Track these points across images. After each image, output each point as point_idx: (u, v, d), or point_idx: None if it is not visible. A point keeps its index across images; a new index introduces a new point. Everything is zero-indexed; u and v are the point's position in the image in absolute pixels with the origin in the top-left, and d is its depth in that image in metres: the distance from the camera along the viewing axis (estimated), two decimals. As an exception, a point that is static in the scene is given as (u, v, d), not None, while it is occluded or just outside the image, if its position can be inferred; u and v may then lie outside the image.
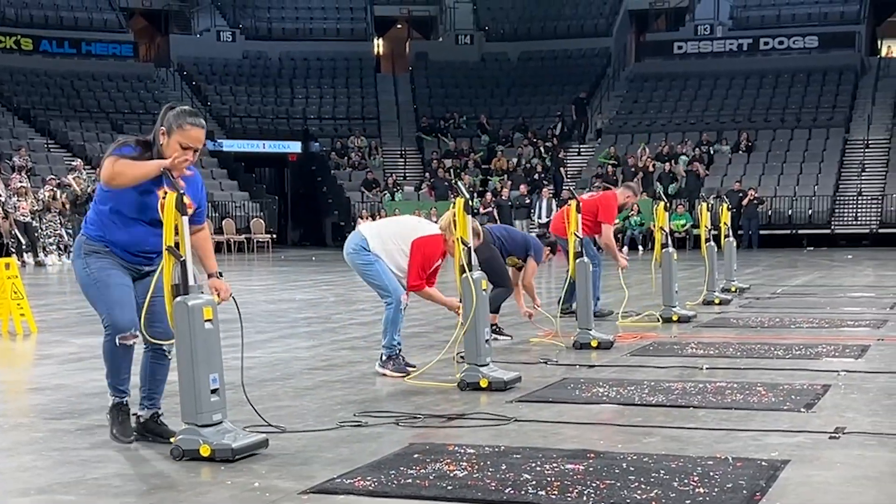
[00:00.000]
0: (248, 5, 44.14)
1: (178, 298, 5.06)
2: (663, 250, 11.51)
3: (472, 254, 7.12)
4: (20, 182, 26.32)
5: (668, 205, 12.44)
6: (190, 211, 5.16)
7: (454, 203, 7.20)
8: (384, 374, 7.68)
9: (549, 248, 10.23)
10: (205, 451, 5.01)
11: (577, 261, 9.33)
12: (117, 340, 5.34)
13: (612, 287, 13.50)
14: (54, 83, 38.44)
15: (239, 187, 35.52)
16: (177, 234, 5.06)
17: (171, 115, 5.31)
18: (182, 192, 5.09)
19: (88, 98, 38.72)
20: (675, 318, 11.15)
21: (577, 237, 9.36)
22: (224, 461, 4.98)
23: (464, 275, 7.04)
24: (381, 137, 40.07)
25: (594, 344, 9.07)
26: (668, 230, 11.72)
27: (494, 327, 9.38)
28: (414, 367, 7.73)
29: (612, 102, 40.37)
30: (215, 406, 5.11)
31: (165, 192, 5.09)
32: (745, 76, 39.41)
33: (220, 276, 5.49)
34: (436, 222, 7.89)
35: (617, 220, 9.83)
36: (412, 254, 7.67)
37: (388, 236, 7.81)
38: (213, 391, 5.09)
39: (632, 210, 14.94)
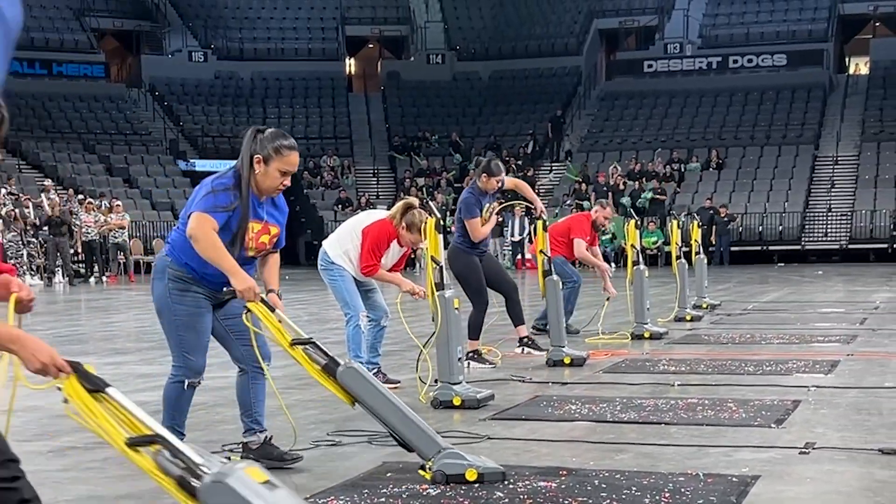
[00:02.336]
0: (219, 26, 44.13)
1: (343, 368, 4.98)
2: (634, 268, 11.58)
3: (444, 272, 7.14)
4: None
5: (639, 222, 12.52)
6: (274, 238, 5.31)
7: (403, 197, 7.43)
8: None
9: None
10: (471, 476, 4.94)
11: (547, 279, 9.38)
12: (186, 384, 5.29)
13: (592, 304, 13.54)
14: (25, 104, 38.25)
15: (212, 207, 35.44)
16: None
17: (265, 142, 5.14)
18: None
19: (60, 119, 38.60)
20: (646, 335, 11.21)
21: (545, 255, 9.42)
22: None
23: (437, 293, 7.06)
24: (353, 156, 40.12)
25: (567, 361, 9.11)
26: (639, 248, 11.81)
27: (472, 354, 9.21)
28: (398, 382, 7.78)
29: (583, 121, 40.59)
30: (434, 432, 5.15)
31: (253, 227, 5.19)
32: (715, 94, 39.73)
33: (279, 296, 5.38)
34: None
35: (601, 245, 9.93)
36: (363, 240, 7.93)
37: (342, 237, 8.08)
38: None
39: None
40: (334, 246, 8.06)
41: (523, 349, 9.78)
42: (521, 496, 4.71)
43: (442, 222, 7.15)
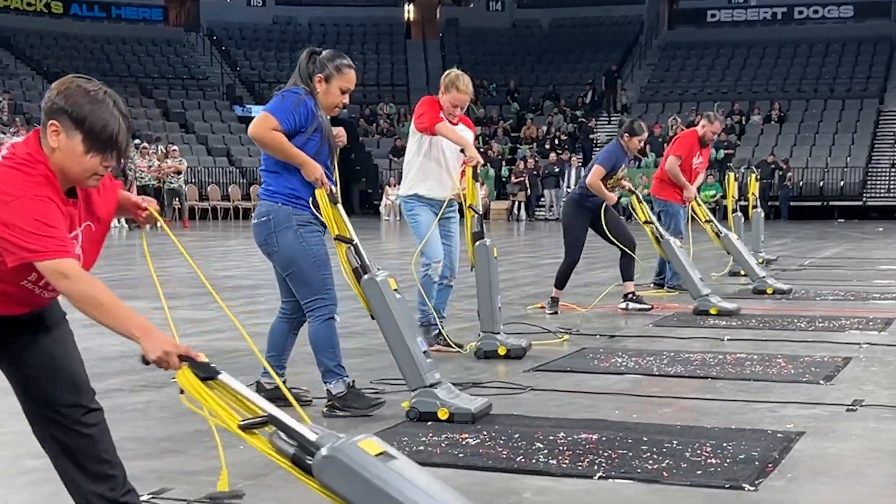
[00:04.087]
0: (279, -30, 44.11)
1: (366, 277, 5.19)
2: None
3: (483, 221, 7.07)
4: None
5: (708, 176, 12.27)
6: (341, 143, 5.50)
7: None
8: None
9: None
10: (443, 415, 5.09)
11: (662, 242, 9.61)
12: (336, 318, 5.37)
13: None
14: (84, 47, 38.56)
15: (267, 153, 35.58)
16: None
17: (325, 61, 5.33)
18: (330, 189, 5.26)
19: (118, 62, 38.84)
20: (769, 290, 10.85)
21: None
22: (462, 423, 5.04)
23: (477, 242, 7.00)
24: (410, 104, 39.95)
25: (714, 311, 9.11)
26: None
27: (631, 295, 9.57)
28: (460, 348, 7.33)
29: (643, 71, 40.10)
30: (432, 367, 5.27)
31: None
32: (779, 45, 39.03)
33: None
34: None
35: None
36: (416, 110, 7.41)
37: (409, 167, 7.54)
38: (424, 352, 5.28)
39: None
40: (404, 183, 7.55)
41: (627, 305, 9.66)
42: (561, 447, 4.67)
43: (488, 168, 7.03)
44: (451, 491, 2.98)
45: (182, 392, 3.06)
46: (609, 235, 9.51)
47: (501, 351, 7.00)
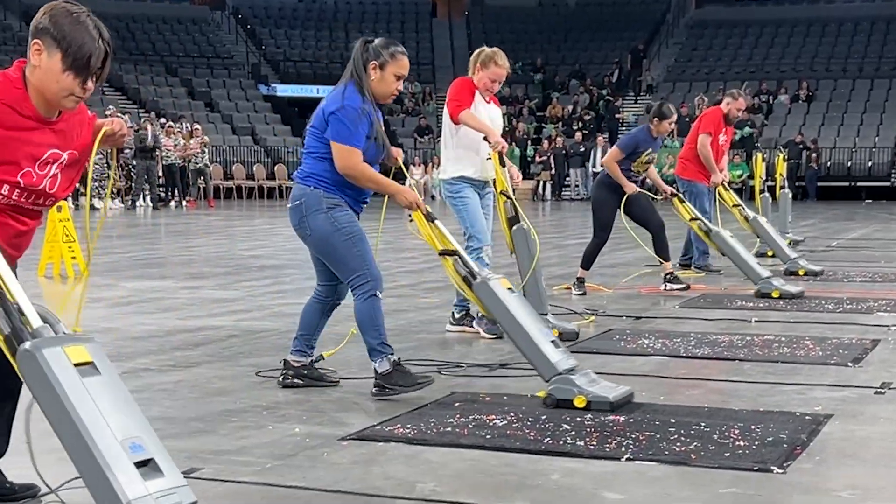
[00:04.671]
0: (304, -51, 44.04)
1: (477, 281, 5.30)
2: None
3: (516, 205, 7.05)
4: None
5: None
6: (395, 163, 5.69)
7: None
8: (469, 333, 7.33)
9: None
10: (580, 402, 5.02)
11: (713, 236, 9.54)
12: (379, 294, 5.34)
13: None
14: (109, 25, 37.79)
15: (292, 132, 35.62)
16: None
17: (380, 48, 5.35)
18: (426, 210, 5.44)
19: (143, 41, 38.92)
20: (801, 272, 10.81)
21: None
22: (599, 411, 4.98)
23: (514, 226, 6.99)
24: (435, 83, 39.93)
25: (776, 294, 9.02)
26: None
27: (669, 275, 9.59)
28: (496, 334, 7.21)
29: (670, 50, 39.87)
30: (563, 353, 5.24)
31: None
32: (807, 24, 38.72)
33: None
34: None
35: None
36: (448, 94, 7.37)
37: (445, 148, 7.50)
38: (552, 342, 5.27)
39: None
40: (444, 165, 7.52)
41: (666, 285, 9.65)
42: (588, 429, 4.67)
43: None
44: (139, 422, 2.91)
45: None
46: (634, 218, 9.47)
47: (554, 333, 6.92)
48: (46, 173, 3.37)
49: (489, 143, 7.10)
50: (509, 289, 5.34)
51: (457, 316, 7.47)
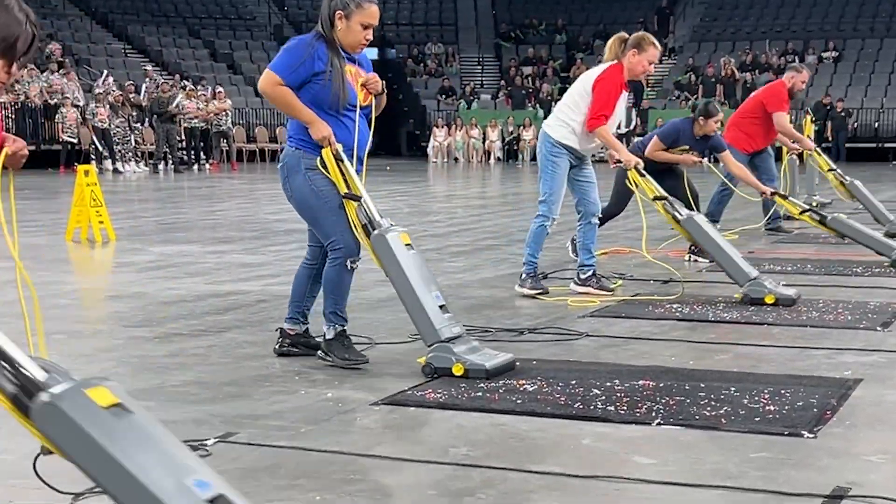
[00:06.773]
0: None
1: (375, 233, 5.15)
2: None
3: (676, 206, 7.57)
4: (99, 89, 26.57)
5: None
6: (374, 90, 5.36)
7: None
8: (523, 294, 7.41)
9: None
10: (458, 370, 4.99)
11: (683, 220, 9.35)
12: (349, 264, 5.29)
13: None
14: (132, -14, 38.53)
15: (315, 94, 35.53)
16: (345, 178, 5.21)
17: None
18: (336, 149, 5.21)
19: (165, 2, 38.83)
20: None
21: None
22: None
23: (682, 219, 7.46)
24: (458, 44, 39.74)
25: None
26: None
27: (693, 247, 9.36)
28: (611, 289, 7.49)
29: (696, 9, 39.52)
30: (450, 321, 5.17)
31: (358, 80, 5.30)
32: (836, -19, 38.28)
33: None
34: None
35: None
36: (593, 91, 7.31)
37: (565, 112, 7.45)
38: (441, 307, 5.18)
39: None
40: (557, 127, 7.45)
41: (690, 257, 9.60)
42: (619, 394, 4.69)
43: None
44: (192, 456, 2.52)
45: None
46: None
47: (770, 299, 6.92)
48: None
49: (620, 163, 7.56)
50: (408, 244, 5.21)
51: (582, 277, 7.52)
